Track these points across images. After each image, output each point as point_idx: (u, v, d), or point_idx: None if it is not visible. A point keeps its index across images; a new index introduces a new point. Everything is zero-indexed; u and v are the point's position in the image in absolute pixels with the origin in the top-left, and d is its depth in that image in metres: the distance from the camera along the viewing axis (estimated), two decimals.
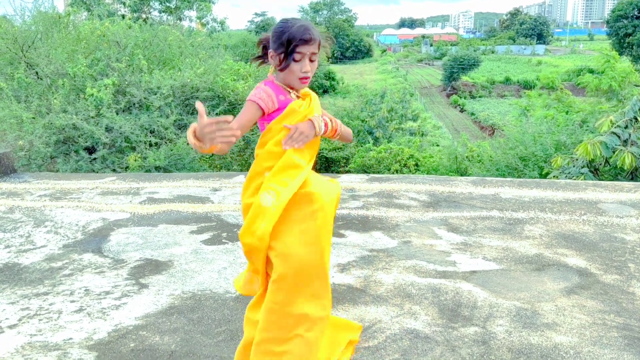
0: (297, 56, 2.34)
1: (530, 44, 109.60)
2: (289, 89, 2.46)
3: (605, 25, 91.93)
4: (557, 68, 64.98)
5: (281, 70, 2.40)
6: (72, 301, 3.78)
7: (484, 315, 3.52)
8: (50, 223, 5.47)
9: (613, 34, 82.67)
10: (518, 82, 65.83)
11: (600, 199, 6.11)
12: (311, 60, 2.38)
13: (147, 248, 4.75)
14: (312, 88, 2.68)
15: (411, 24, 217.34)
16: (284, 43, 2.33)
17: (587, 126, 12.20)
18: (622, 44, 79.73)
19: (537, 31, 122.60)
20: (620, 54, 77.71)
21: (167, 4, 32.53)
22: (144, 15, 30.96)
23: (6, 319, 3.55)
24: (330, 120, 2.61)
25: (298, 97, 2.49)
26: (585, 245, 4.75)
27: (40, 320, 3.53)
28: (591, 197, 6.18)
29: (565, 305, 3.68)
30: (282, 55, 2.36)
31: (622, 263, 4.38)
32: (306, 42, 2.32)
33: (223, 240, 4.90)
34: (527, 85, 59.79)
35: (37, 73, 14.57)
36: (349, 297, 3.78)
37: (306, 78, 2.40)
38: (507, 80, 67.64)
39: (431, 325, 3.41)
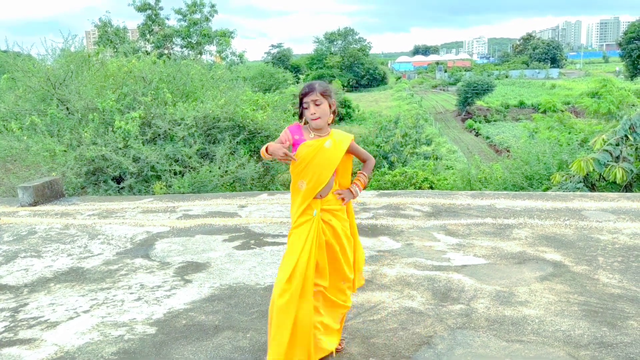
0: (305, 105, 3.21)
1: (544, 68, 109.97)
2: (312, 131, 3.26)
3: (619, 48, 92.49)
4: (571, 91, 65.28)
5: (300, 117, 3.29)
6: (131, 293, 4.62)
7: (469, 297, 4.29)
8: (102, 236, 6.34)
9: (626, 55, 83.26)
10: (532, 105, 66.20)
11: (584, 207, 6.84)
12: (317, 105, 3.18)
13: (188, 253, 5.59)
14: None
15: (425, 51, 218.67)
16: (299, 100, 3.25)
17: (588, 146, 12.89)
18: (635, 65, 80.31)
19: (550, 55, 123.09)
20: (634, 75, 78.05)
21: (189, 40, 34.01)
22: (166, 51, 32.37)
23: (80, 306, 4.39)
24: (361, 181, 3.60)
25: (320, 136, 3.29)
26: (563, 244, 5.50)
27: (107, 306, 4.37)
28: (577, 205, 6.91)
29: (537, 288, 4.43)
30: (300, 108, 3.26)
31: (592, 257, 5.11)
32: (306, 94, 3.19)
33: (252, 246, 5.72)
34: (541, 109, 60.24)
35: (68, 108, 15.49)
36: None
37: (315, 119, 3.19)
38: (522, 104, 68.15)
39: (425, 304, 4.19)
